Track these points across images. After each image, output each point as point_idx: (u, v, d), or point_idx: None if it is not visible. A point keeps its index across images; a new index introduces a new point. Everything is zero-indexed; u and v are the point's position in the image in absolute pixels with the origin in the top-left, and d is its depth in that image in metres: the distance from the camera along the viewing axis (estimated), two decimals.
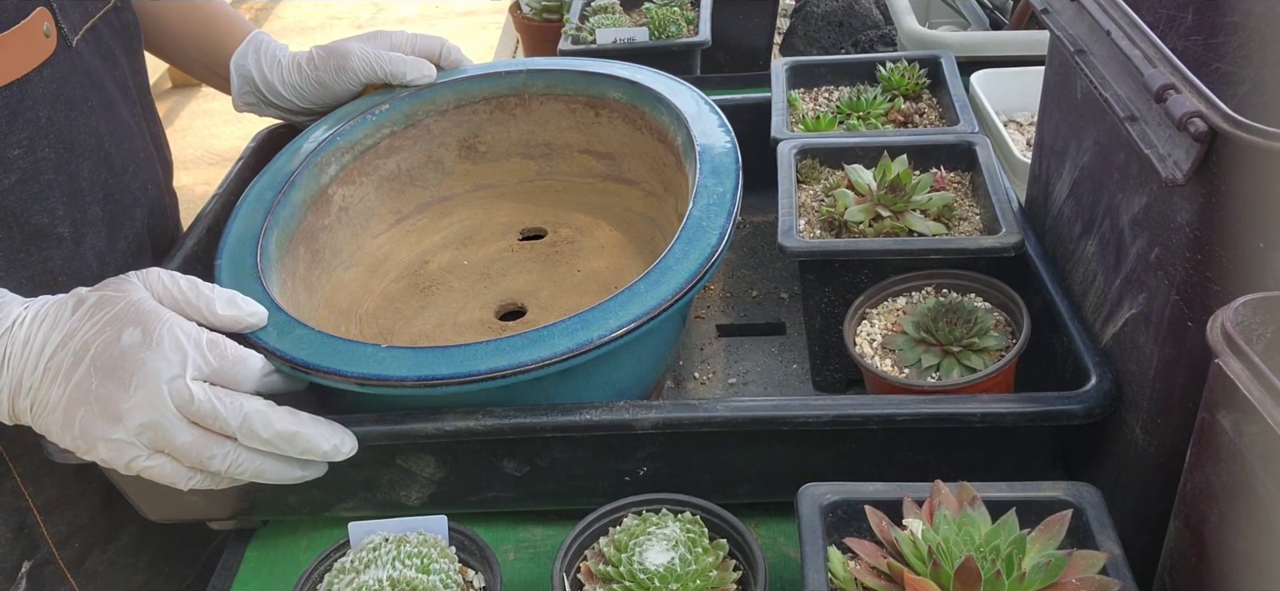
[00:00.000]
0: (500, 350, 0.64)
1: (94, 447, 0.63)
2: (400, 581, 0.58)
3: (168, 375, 0.62)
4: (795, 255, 0.75)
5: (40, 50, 0.76)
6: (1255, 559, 0.46)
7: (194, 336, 0.64)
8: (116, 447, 0.63)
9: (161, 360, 0.62)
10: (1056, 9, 0.67)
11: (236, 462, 0.64)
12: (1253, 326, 0.47)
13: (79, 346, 0.63)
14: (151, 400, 0.62)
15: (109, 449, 0.63)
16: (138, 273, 0.68)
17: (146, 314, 0.64)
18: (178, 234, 0.96)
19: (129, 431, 0.62)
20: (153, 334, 0.63)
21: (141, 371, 0.62)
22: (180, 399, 0.62)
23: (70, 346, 0.64)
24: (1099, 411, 0.62)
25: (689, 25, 1.35)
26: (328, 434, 0.65)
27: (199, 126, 3.64)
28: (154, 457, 0.64)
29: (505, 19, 1.74)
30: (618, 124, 0.94)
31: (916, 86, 0.99)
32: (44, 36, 0.76)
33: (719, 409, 0.65)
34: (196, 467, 0.64)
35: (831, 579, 0.54)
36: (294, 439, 0.64)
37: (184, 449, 0.63)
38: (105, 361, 0.63)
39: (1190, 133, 0.49)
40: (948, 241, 0.75)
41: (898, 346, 0.71)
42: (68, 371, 0.63)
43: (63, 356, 0.64)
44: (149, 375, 0.62)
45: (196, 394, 0.62)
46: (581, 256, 0.91)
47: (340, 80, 0.95)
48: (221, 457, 0.64)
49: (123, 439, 0.63)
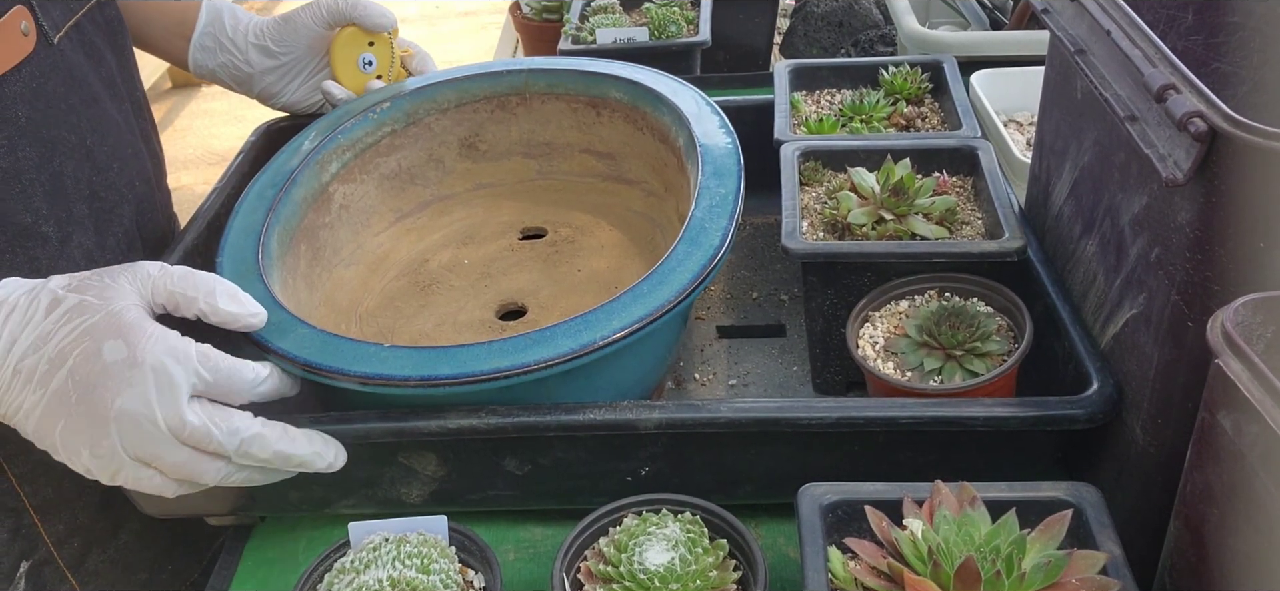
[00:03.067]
0: (503, 350, 0.64)
1: (77, 458, 0.61)
2: (400, 581, 0.58)
3: (158, 398, 0.59)
4: (799, 257, 0.75)
5: (18, 49, 0.75)
6: (1255, 559, 0.46)
7: (183, 352, 0.61)
8: (102, 461, 0.61)
9: (150, 381, 0.59)
10: (1056, 9, 0.67)
11: (228, 476, 0.63)
12: (1253, 326, 0.47)
13: (55, 354, 0.60)
14: (139, 423, 0.59)
15: (94, 461, 0.61)
16: (127, 267, 0.64)
17: (129, 326, 0.60)
18: (171, 230, 0.96)
19: (115, 447, 0.60)
20: (138, 350, 0.60)
21: (128, 392, 0.59)
22: (173, 423, 0.60)
23: (44, 351, 0.60)
24: (1101, 416, 0.62)
25: (689, 25, 1.35)
26: (322, 450, 0.65)
27: (199, 126, 3.64)
28: (142, 470, 0.61)
29: (505, 19, 1.74)
30: (619, 124, 0.94)
31: (919, 91, 0.99)
32: (21, 35, 0.75)
33: (722, 410, 0.65)
34: (185, 482, 0.63)
35: (831, 579, 0.54)
36: (289, 459, 0.64)
37: (175, 466, 0.61)
38: (86, 376, 0.59)
39: (1190, 133, 0.49)
40: (951, 245, 0.75)
41: (900, 349, 0.71)
42: (43, 378, 0.60)
43: (35, 361, 0.60)
44: (137, 396, 0.59)
45: (190, 419, 0.60)
46: (582, 256, 0.91)
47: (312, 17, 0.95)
48: (213, 473, 0.62)
49: (108, 454, 0.60)
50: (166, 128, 3.62)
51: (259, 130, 1.04)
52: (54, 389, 0.60)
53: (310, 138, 0.90)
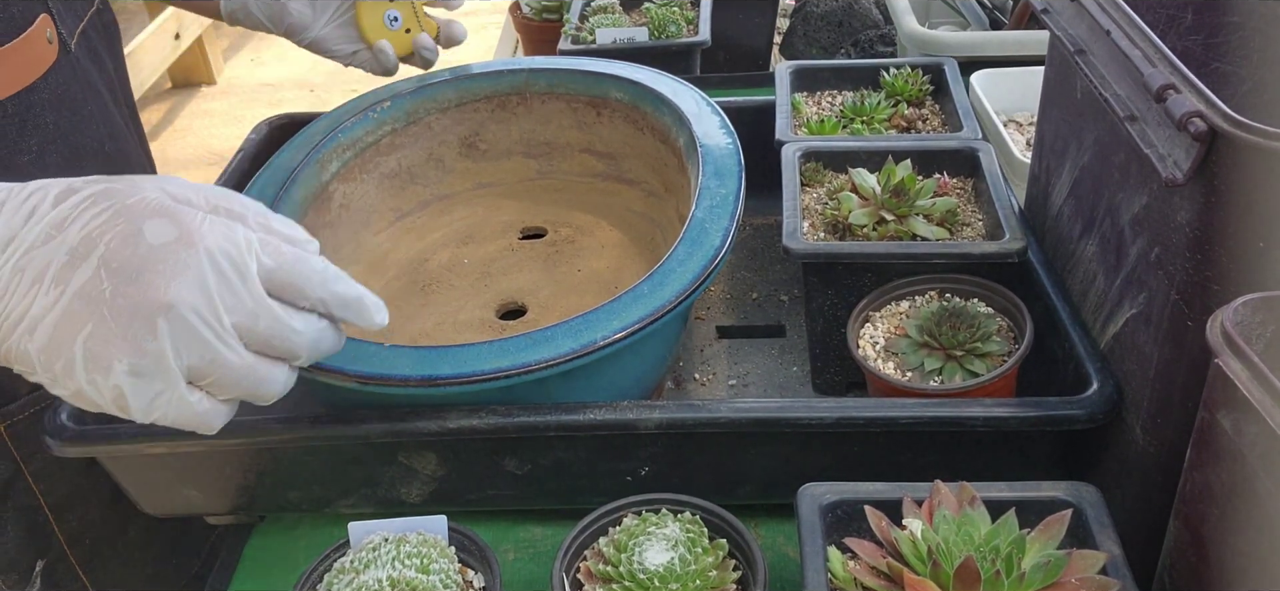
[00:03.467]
0: (504, 350, 0.64)
1: (106, 376, 0.48)
2: (400, 581, 0.58)
3: (218, 286, 0.49)
4: (800, 257, 0.75)
5: (45, 57, 0.76)
6: (1255, 558, 0.46)
7: (244, 236, 0.51)
8: (142, 377, 0.49)
9: (208, 266, 0.49)
10: (1056, 9, 0.67)
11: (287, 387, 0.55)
12: (1253, 326, 0.47)
13: (78, 242, 0.49)
14: (200, 317, 0.49)
15: (131, 380, 0.48)
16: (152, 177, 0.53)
17: (174, 207, 0.50)
18: None
19: (164, 353, 0.48)
20: (191, 231, 0.49)
21: (183, 278, 0.48)
22: (241, 317, 0.50)
23: (62, 241, 0.49)
24: (1101, 417, 0.62)
25: (689, 25, 1.35)
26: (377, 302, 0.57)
27: (199, 126, 3.64)
28: (189, 391, 0.50)
29: (505, 19, 1.74)
30: (619, 124, 0.94)
31: (919, 92, 0.99)
32: (47, 44, 0.76)
33: (722, 410, 0.65)
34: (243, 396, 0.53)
35: (831, 579, 0.54)
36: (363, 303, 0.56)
37: (235, 377, 0.51)
38: (125, 262, 0.48)
39: (1190, 132, 0.49)
40: (952, 246, 0.75)
41: (900, 350, 0.71)
42: (61, 273, 0.48)
43: (48, 252, 0.49)
44: (194, 284, 0.49)
45: (268, 307, 0.51)
46: (582, 256, 0.91)
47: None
48: (278, 384, 0.54)
49: (153, 364, 0.48)
50: (166, 128, 3.62)
51: (259, 129, 1.04)
52: (78, 286, 0.48)
53: (310, 136, 0.90)
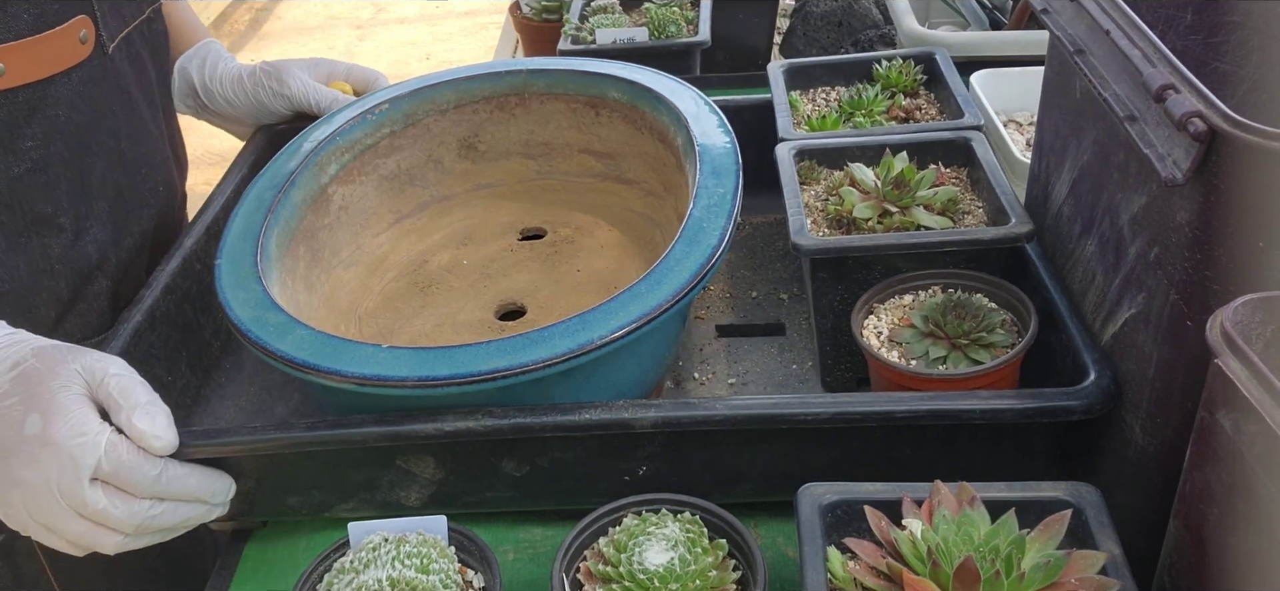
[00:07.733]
0: (501, 350, 0.64)
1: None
2: (400, 581, 0.58)
3: (59, 477, 0.62)
4: (809, 253, 0.75)
5: (71, 55, 0.79)
6: (1255, 558, 0.46)
7: (93, 442, 0.63)
8: (10, 518, 0.65)
9: (53, 460, 0.62)
10: (1056, 9, 0.67)
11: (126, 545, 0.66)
12: (1252, 326, 0.47)
13: None
14: (40, 495, 0.63)
15: (5, 513, 0.65)
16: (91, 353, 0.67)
17: (52, 405, 0.64)
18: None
19: (20, 510, 0.64)
20: (51, 428, 0.63)
21: (34, 466, 0.62)
22: (74, 501, 0.63)
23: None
24: (1098, 408, 0.62)
25: (689, 25, 1.35)
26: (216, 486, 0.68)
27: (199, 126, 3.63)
28: (47, 534, 0.65)
29: (505, 19, 1.74)
30: (618, 124, 0.94)
31: (913, 83, 0.99)
32: (79, 43, 0.79)
33: (718, 407, 0.65)
34: (86, 549, 0.66)
35: (831, 579, 0.54)
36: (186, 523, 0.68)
37: (75, 536, 0.65)
38: (5, 441, 0.63)
39: (1190, 132, 0.49)
40: (961, 233, 0.75)
41: (905, 339, 0.71)
42: None
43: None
44: (40, 472, 0.62)
45: (90, 501, 0.63)
46: (581, 256, 0.91)
47: (275, 102, 1.01)
48: (111, 544, 0.65)
49: (15, 515, 0.64)
50: None
51: (259, 131, 1.04)
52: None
53: (309, 139, 0.90)
